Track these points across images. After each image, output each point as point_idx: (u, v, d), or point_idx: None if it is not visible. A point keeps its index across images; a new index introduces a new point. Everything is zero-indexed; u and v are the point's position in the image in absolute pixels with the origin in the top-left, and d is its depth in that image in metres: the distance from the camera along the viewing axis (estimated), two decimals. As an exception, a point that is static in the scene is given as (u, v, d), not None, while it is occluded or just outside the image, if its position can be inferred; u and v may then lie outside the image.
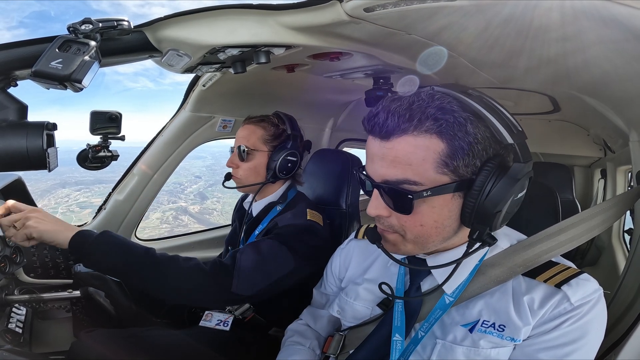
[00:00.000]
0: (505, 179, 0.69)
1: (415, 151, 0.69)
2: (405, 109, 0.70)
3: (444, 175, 0.70)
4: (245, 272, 1.22)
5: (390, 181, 0.72)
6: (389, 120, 0.70)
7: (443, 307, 0.83)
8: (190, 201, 23.82)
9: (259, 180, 1.52)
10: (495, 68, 1.25)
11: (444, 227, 0.76)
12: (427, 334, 0.83)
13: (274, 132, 1.53)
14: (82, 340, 1.25)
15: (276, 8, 0.99)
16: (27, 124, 0.89)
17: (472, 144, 0.69)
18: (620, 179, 2.62)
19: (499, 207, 0.70)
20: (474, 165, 0.70)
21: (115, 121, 1.32)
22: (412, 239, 0.78)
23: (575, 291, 0.74)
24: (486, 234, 0.73)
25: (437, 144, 0.69)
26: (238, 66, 1.24)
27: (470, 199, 0.71)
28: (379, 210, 0.77)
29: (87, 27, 0.83)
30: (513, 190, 0.69)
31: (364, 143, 2.79)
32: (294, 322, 1.20)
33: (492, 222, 0.71)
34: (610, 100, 1.31)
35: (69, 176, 26.28)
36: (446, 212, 0.74)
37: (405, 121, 0.69)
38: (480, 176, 0.70)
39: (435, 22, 0.88)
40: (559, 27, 0.78)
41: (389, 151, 0.72)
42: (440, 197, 0.71)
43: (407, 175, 0.70)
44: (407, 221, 0.75)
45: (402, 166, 0.71)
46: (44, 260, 1.70)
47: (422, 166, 0.70)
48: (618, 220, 1.08)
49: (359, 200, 1.87)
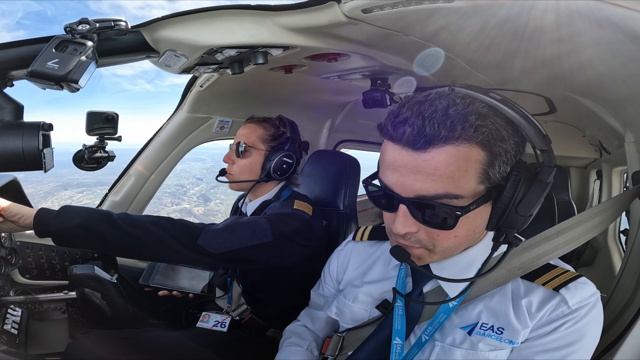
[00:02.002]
0: (537, 184, 0.68)
1: (457, 163, 0.64)
2: (443, 115, 0.63)
3: (482, 184, 0.67)
4: (216, 229, 1.21)
5: (428, 197, 0.66)
6: (427, 129, 0.63)
7: (447, 311, 0.82)
8: (194, 203, 23.78)
9: (253, 179, 1.52)
10: (491, 69, 1.25)
11: (474, 235, 0.75)
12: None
13: (274, 132, 1.53)
14: (78, 342, 1.24)
15: (274, 9, 0.99)
16: (23, 124, 0.89)
17: (508, 151, 0.67)
18: (615, 179, 2.64)
19: (532, 211, 0.69)
20: (505, 171, 0.68)
21: (112, 122, 1.31)
22: (441, 251, 0.75)
23: (573, 294, 0.74)
24: (513, 235, 0.73)
25: (478, 154, 0.65)
26: (235, 67, 1.24)
27: (501, 204, 0.69)
28: (409, 228, 0.71)
29: (84, 27, 0.82)
30: (544, 194, 0.68)
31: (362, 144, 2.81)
32: (292, 324, 1.20)
33: (523, 225, 0.71)
34: (605, 102, 1.32)
35: (70, 178, 26.16)
36: (479, 221, 0.72)
37: (446, 129, 0.63)
38: (510, 181, 0.68)
39: (433, 24, 0.88)
40: (554, 29, 0.79)
41: (426, 163, 0.65)
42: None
43: (448, 190, 0.65)
44: (439, 235, 0.72)
45: (442, 179, 0.65)
46: (40, 261, 1.68)
47: (464, 179, 0.65)
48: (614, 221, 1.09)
49: (356, 201, 1.87)
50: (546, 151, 0.67)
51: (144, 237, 1.14)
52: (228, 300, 1.56)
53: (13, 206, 1.08)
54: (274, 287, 1.51)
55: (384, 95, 1.59)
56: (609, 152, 2.42)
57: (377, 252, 1.04)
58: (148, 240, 1.14)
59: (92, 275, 1.43)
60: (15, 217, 1.08)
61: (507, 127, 0.67)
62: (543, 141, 0.66)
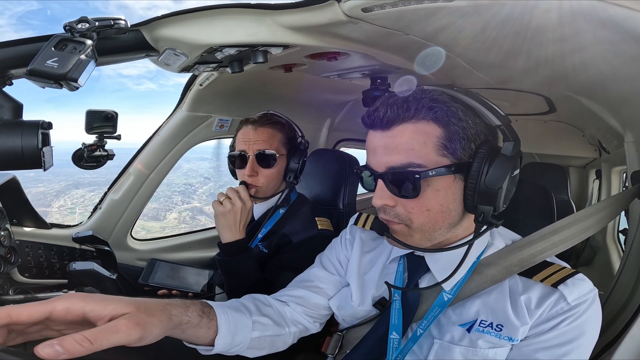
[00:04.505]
0: (500, 158, 0.74)
1: (416, 137, 0.75)
2: (402, 101, 0.77)
3: (444, 157, 0.75)
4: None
5: (395, 167, 0.76)
6: (388, 112, 0.77)
7: (442, 305, 0.83)
8: (204, 202, 23.86)
9: (278, 186, 1.48)
10: (492, 69, 1.25)
11: (449, 211, 0.78)
12: (425, 332, 0.84)
13: (290, 134, 1.50)
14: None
15: (274, 7, 0.98)
16: (22, 122, 0.88)
17: (466, 128, 0.76)
18: (615, 179, 2.64)
19: (499, 184, 0.73)
20: (470, 148, 0.77)
21: (111, 120, 1.31)
22: (418, 227, 0.79)
23: (571, 291, 0.75)
24: (491, 215, 0.76)
25: (434, 129, 0.75)
26: (235, 66, 1.23)
27: (471, 180, 0.75)
28: (385, 200, 0.79)
29: (83, 25, 0.82)
30: (508, 167, 0.74)
31: (362, 143, 2.81)
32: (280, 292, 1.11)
33: (496, 200, 0.74)
34: (605, 101, 1.32)
35: (80, 177, 26.14)
36: (450, 195, 0.77)
37: (404, 111, 0.76)
38: (477, 158, 0.75)
39: (433, 23, 0.88)
40: (557, 28, 0.79)
41: (391, 139, 0.77)
42: (444, 179, 0.76)
43: (411, 159, 0.75)
44: (413, 207, 0.78)
45: (405, 151, 0.75)
46: (39, 260, 1.68)
47: (423, 150, 0.75)
48: (612, 220, 1.09)
49: (356, 200, 1.87)
50: (504, 128, 0.76)
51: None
52: (228, 300, 1.56)
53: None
54: (274, 288, 1.50)
55: (384, 94, 1.58)
56: (609, 151, 2.43)
57: (378, 248, 1.04)
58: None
59: (91, 272, 1.42)
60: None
61: (465, 110, 0.78)
62: (500, 120, 0.76)
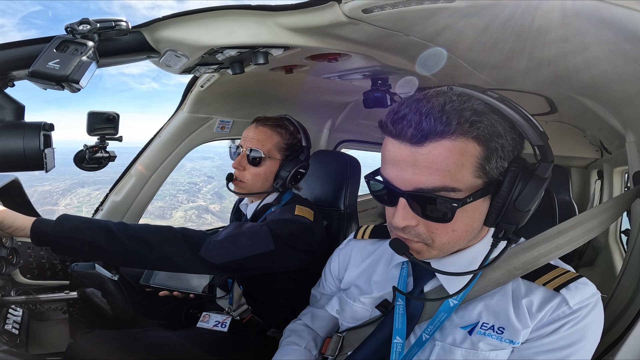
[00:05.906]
0: (535, 179, 0.69)
1: (453, 156, 0.66)
2: (439, 111, 0.66)
3: (479, 179, 0.69)
4: (218, 240, 1.20)
5: (425, 189, 0.68)
6: (423, 123, 0.66)
7: (447, 310, 0.82)
8: (209, 200, 23.98)
9: (265, 187, 1.48)
10: (493, 69, 1.25)
11: (472, 230, 0.75)
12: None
13: (290, 141, 1.49)
14: (78, 342, 1.24)
15: (274, 9, 0.99)
16: (24, 124, 0.88)
17: (505, 146, 0.69)
18: (616, 180, 2.63)
19: (530, 206, 0.70)
20: (502, 166, 0.70)
21: (113, 122, 1.31)
22: (439, 245, 0.76)
23: (573, 295, 0.74)
24: (512, 232, 0.74)
25: (474, 148, 0.67)
26: (236, 67, 1.23)
27: (499, 199, 0.71)
28: (408, 221, 0.72)
29: (84, 27, 0.82)
30: (541, 189, 0.70)
31: (362, 144, 2.81)
32: (292, 322, 1.20)
33: (521, 220, 0.72)
34: (607, 102, 1.32)
35: (85, 175, 26.42)
36: (477, 215, 0.73)
37: (442, 125, 0.65)
38: (508, 177, 0.70)
39: (434, 24, 0.88)
40: (559, 28, 0.79)
41: (423, 157, 0.67)
42: (475, 201, 0.70)
43: (445, 182, 0.67)
44: (438, 229, 0.73)
45: (439, 172, 0.67)
46: (41, 261, 1.68)
47: (460, 172, 0.67)
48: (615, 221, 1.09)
49: (357, 201, 1.87)
50: (543, 147, 0.69)
51: (145, 252, 1.13)
52: (229, 301, 1.56)
53: (8, 217, 1.03)
54: (274, 288, 1.50)
55: (385, 95, 1.59)
56: (610, 152, 2.42)
57: (378, 251, 1.04)
58: (149, 255, 1.13)
59: (93, 273, 1.42)
60: (10, 229, 1.04)
61: (504, 123, 0.69)
62: (540, 137, 0.69)
